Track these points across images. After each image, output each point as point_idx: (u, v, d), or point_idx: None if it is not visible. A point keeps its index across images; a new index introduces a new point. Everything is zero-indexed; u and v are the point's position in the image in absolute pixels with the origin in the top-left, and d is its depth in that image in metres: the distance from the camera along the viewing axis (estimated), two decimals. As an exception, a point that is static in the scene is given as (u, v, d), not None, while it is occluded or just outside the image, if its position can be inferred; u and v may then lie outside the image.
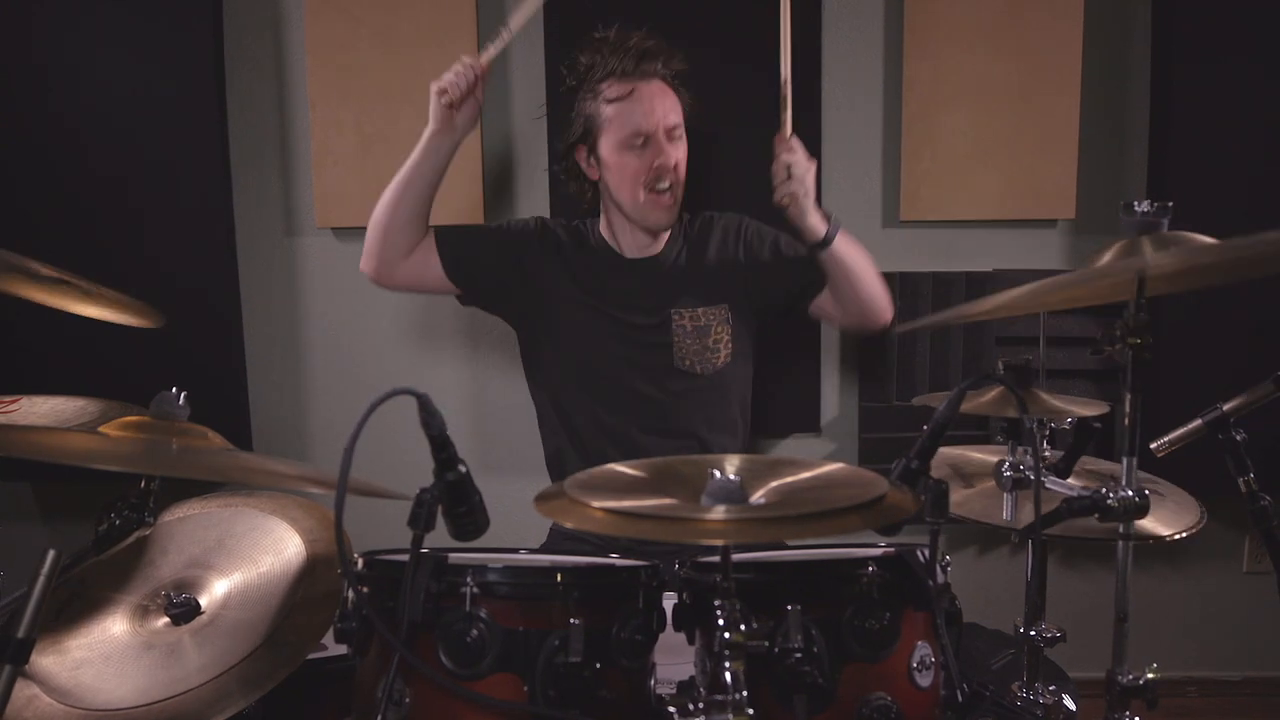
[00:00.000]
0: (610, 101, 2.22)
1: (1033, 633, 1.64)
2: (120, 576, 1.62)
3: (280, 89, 2.84)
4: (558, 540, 2.34)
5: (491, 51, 2.22)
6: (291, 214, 2.87)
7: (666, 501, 1.17)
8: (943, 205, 2.79)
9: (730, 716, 1.10)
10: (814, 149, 2.73)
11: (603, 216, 2.39)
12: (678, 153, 2.24)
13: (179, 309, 2.69)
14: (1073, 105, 2.74)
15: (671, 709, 1.13)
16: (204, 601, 1.57)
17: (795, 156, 2.18)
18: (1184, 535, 1.66)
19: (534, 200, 2.83)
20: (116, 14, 2.70)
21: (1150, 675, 1.34)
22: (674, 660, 1.40)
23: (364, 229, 2.44)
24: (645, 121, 2.19)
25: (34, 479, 2.95)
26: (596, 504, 1.14)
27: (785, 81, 2.20)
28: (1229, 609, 3.00)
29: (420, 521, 1.24)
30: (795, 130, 2.23)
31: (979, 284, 2.79)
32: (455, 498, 1.27)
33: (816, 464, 1.26)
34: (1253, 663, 3.03)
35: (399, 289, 2.45)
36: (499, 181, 2.85)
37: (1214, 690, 3.01)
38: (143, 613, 1.57)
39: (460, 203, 2.79)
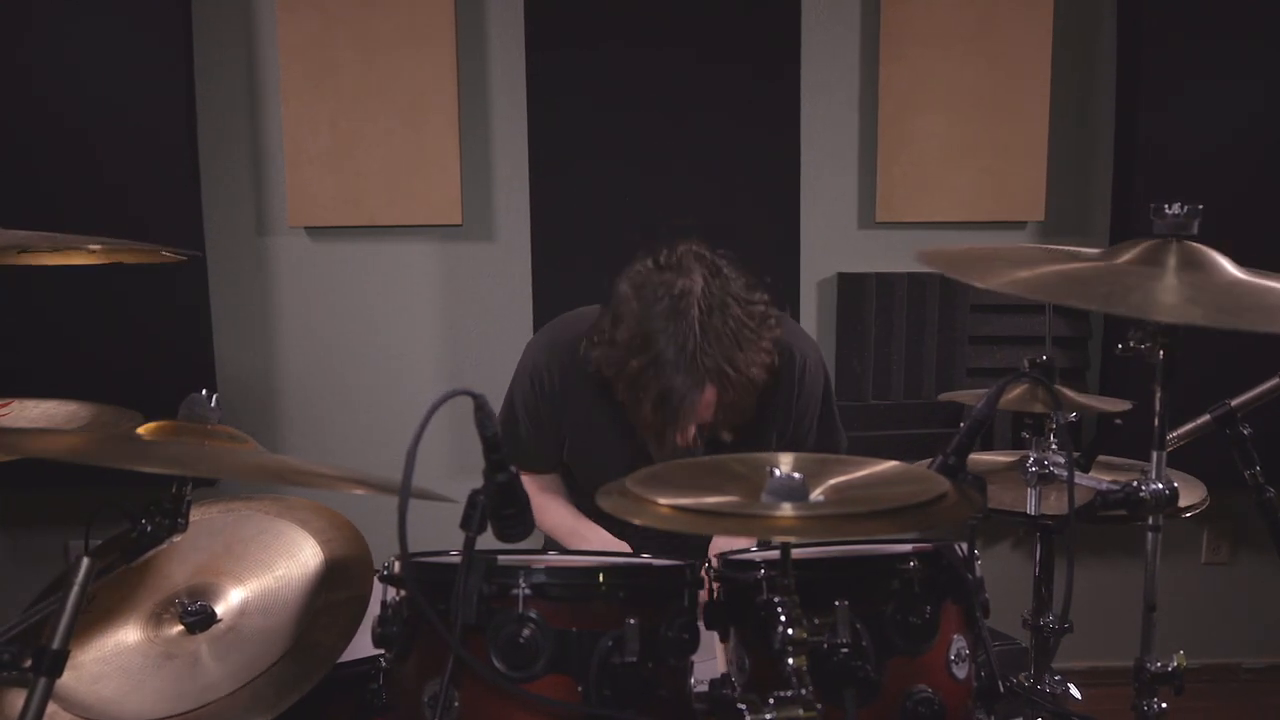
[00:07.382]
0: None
1: (1041, 623, 1.68)
2: (127, 585, 1.56)
3: (251, 85, 2.79)
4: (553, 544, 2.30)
5: None
6: (263, 213, 2.82)
7: (730, 499, 1.17)
8: (917, 207, 2.85)
9: (801, 712, 1.11)
10: (793, 154, 2.78)
11: None
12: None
13: (146, 309, 2.66)
14: (1042, 110, 2.82)
15: (741, 705, 1.12)
16: (219, 609, 1.52)
17: None
18: (1197, 509, 1.74)
19: (514, 201, 2.82)
20: (84, 8, 2.62)
21: (1177, 663, 1.38)
22: (700, 658, 1.40)
23: (338, 229, 2.35)
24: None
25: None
26: (664, 500, 1.13)
27: None
28: (1187, 598, 3.11)
29: (472, 523, 1.22)
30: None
31: (953, 284, 2.85)
32: (504, 499, 1.25)
33: (867, 462, 1.27)
34: (1208, 650, 3.13)
35: None
36: (477, 182, 2.83)
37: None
38: (156, 622, 1.51)
39: (438, 204, 2.77)
